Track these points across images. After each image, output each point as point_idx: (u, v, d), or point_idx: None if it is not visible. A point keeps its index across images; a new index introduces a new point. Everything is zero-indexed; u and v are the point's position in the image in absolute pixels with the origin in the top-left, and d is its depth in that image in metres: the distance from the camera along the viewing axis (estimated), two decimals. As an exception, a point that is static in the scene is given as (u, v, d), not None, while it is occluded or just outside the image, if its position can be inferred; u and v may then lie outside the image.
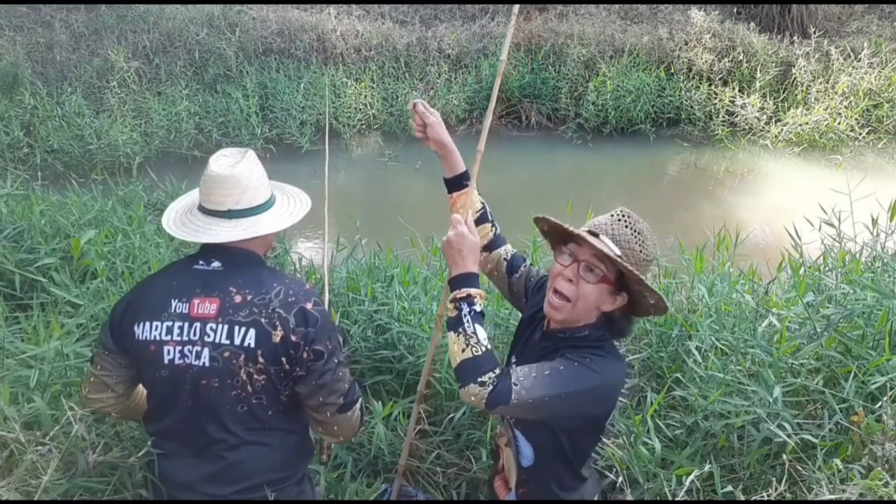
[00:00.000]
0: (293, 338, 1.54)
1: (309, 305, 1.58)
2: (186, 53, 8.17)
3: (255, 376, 1.55)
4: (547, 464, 1.66)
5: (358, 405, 1.68)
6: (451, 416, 2.49)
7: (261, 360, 1.54)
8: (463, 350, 1.48)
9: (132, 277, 3.06)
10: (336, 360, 1.61)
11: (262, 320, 1.54)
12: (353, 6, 9.55)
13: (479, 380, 1.45)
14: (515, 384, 1.44)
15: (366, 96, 8.17)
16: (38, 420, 1.89)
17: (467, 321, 1.50)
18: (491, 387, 1.44)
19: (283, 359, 1.55)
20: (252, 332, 1.53)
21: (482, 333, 1.49)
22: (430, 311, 2.86)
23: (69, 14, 8.74)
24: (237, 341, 1.54)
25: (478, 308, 1.51)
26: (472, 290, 1.52)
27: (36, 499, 1.63)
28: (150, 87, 7.72)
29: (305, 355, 1.56)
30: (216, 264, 1.60)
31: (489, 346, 1.49)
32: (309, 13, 9.15)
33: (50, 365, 2.14)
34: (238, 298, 1.55)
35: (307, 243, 5.47)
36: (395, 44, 8.75)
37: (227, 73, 8.05)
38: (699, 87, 8.40)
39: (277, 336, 1.54)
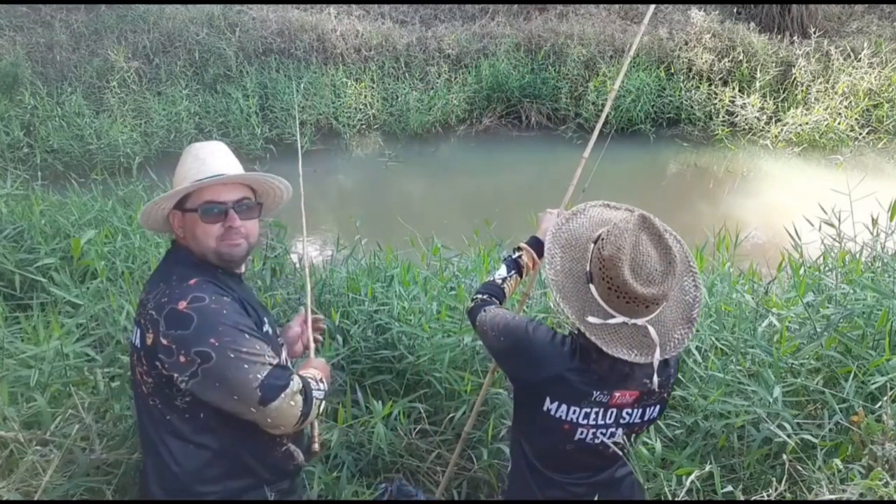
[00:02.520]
0: (164, 341, 1.44)
1: (182, 305, 1.44)
2: (186, 53, 8.17)
3: (145, 377, 1.53)
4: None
5: (288, 390, 1.48)
6: (452, 416, 2.49)
7: (144, 361, 1.51)
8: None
9: (132, 277, 3.05)
10: (231, 355, 1.44)
11: (141, 321, 1.52)
12: (353, 6, 9.55)
13: (474, 296, 1.80)
14: (485, 312, 1.70)
15: (366, 96, 8.17)
16: (39, 420, 1.89)
17: (504, 260, 1.88)
18: (472, 304, 1.77)
19: (158, 363, 1.47)
20: (138, 332, 1.54)
21: (500, 271, 1.83)
22: (430, 311, 2.86)
23: (69, 14, 8.74)
24: (133, 340, 1.56)
25: (514, 255, 1.86)
26: (523, 244, 1.88)
27: (36, 499, 1.63)
28: (150, 87, 7.72)
29: (183, 359, 1.43)
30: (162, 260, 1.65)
31: (495, 281, 1.82)
32: (309, 13, 9.16)
33: (50, 365, 2.14)
34: (142, 296, 1.57)
35: (308, 244, 5.46)
36: (395, 44, 8.76)
37: (227, 73, 8.06)
38: (699, 87, 8.39)
39: (150, 339, 1.47)
